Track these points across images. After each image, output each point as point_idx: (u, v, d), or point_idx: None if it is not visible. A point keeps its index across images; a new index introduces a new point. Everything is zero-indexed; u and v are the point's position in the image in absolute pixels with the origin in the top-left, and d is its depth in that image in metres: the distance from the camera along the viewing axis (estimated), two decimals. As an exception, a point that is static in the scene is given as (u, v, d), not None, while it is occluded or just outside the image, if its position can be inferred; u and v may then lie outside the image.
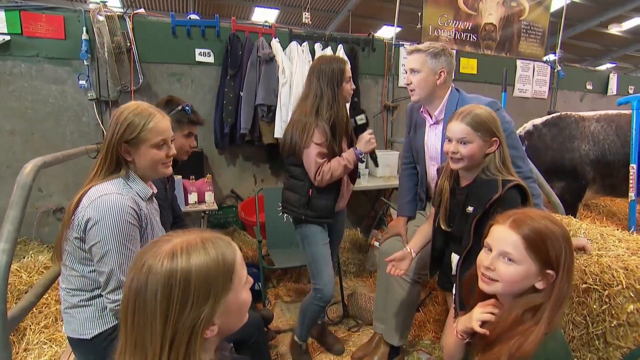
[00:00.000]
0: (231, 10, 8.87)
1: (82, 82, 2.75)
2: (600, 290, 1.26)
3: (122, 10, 2.89)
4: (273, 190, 2.65)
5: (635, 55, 12.75)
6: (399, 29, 3.95)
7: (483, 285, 0.97)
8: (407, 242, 1.78)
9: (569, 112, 2.94)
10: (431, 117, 1.80)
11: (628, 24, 10.18)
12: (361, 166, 3.32)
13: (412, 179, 2.02)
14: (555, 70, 4.41)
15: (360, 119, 1.87)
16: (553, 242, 0.89)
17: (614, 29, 10.38)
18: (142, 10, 3.01)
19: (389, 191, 3.48)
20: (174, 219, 1.90)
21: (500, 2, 3.97)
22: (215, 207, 2.49)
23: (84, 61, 2.73)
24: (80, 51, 2.68)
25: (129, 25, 2.84)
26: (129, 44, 2.77)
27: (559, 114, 2.96)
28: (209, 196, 2.50)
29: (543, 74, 4.35)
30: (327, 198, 1.84)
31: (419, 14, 3.84)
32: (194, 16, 3.10)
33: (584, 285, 1.29)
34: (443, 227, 1.45)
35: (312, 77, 1.80)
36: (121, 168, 1.20)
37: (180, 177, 2.42)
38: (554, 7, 4.55)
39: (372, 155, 1.91)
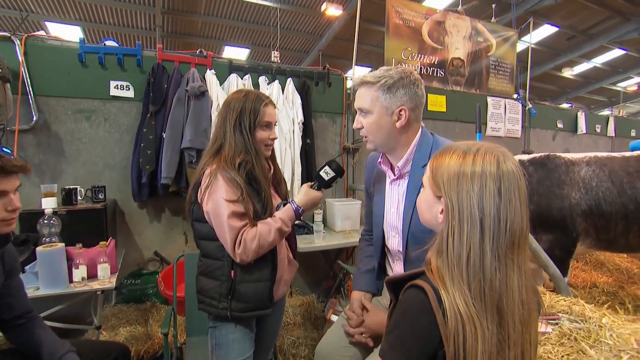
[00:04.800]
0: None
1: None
2: None
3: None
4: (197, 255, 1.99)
5: (586, 97, 13.48)
6: (369, 69, 3.60)
7: None
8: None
9: (557, 153, 2.54)
10: (393, 171, 1.30)
11: (578, 68, 11.22)
12: (313, 221, 2.76)
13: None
14: (527, 108, 4.15)
15: (326, 172, 1.35)
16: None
17: (567, 72, 10.99)
18: (41, 32, 2.44)
19: (350, 249, 2.91)
20: (18, 317, 1.30)
21: (467, 37, 3.70)
22: (111, 285, 1.80)
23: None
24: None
25: (19, 49, 2.26)
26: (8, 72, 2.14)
27: (547, 153, 2.55)
28: (103, 270, 1.82)
29: (515, 112, 4.06)
30: (259, 279, 1.28)
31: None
32: (111, 42, 2.56)
33: None
34: None
35: (220, 115, 1.32)
36: None
37: (61, 245, 1.75)
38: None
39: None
